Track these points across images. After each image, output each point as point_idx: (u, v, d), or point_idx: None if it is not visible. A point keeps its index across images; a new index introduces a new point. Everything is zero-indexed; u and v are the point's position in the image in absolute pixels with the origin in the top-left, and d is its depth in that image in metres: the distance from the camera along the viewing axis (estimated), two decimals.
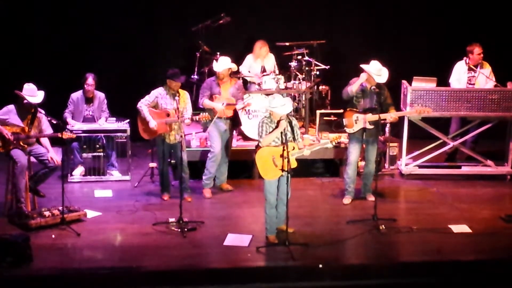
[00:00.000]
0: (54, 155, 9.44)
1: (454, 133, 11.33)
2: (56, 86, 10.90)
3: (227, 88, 10.11)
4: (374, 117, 9.42)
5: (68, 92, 10.89)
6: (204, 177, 10.15)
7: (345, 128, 9.73)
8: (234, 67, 10.18)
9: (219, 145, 10.10)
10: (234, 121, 10.34)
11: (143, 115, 9.81)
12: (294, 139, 8.55)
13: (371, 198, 9.72)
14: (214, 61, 10.34)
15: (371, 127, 9.58)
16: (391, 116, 9.59)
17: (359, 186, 10.08)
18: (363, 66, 9.55)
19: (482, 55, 11.01)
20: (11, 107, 9.41)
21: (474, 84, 11.07)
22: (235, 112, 10.26)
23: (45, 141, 9.50)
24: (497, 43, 12.09)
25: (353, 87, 9.53)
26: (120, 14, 12.17)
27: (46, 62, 11.88)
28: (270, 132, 8.43)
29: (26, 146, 9.34)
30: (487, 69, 11.09)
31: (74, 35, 12.08)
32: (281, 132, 8.39)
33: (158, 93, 9.84)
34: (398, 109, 10.40)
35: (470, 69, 11.11)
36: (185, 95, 9.89)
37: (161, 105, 9.82)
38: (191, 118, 9.69)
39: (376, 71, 9.47)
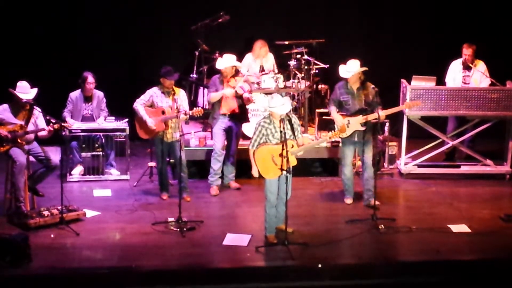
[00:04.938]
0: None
1: (451, 132, 11.30)
2: (55, 86, 10.89)
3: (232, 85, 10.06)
4: (363, 118, 9.38)
5: (67, 91, 10.87)
6: (209, 176, 10.19)
7: (338, 133, 9.62)
8: (238, 65, 10.18)
9: (221, 142, 10.12)
10: (241, 117, 10.30)
11: (140, 114, 9.81)
12: (294, 136, 8.55)
13: (376, 202, 9.37)
14: (220, 58, 10.30)
15: (363, 128, 9.52)
16: (377, 115, 9.26)
17: (358, 186, 10.05)
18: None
19: (469, 55, 10.90)
20: (5, 106, 9.39)
21: (468, 83, 11.04)
22: (241, 108, 10.23)
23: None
24: (496, 42, 12.09)
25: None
26: (119, 12, 12.15)
27: (45, 61, 11.86)
28: (265, 143, 8.42)
29: (24, 143, 9.32)
30: (482, 67, 11.06)
31: (73, 34, 12.07)
32: (281, 131, 8.38)
33: (153, 92, 9.85)
34: None
35: (465, 68, 11.09)
36: (180, 93, 9.89)
37: (157, 103, 9.82)
38: (186, 113, 9.66)
39: (343, 73, 9.53)
